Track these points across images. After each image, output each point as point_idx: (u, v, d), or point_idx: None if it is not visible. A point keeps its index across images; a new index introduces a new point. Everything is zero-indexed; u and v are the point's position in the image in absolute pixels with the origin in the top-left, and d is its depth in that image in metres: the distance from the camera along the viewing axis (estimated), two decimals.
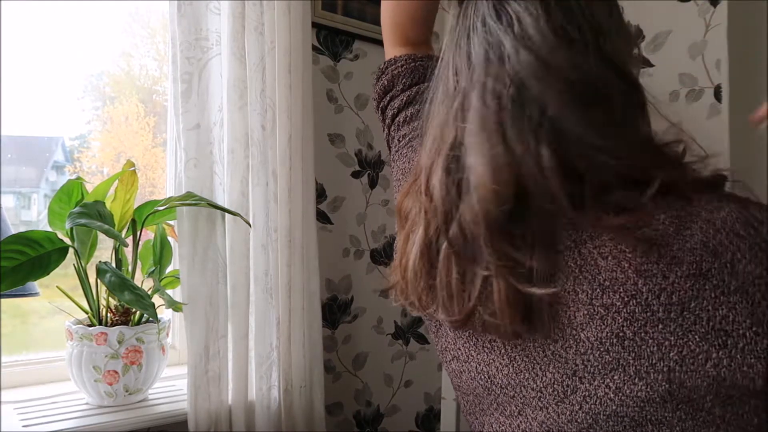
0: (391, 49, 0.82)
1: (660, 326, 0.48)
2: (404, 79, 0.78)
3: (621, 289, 0.50)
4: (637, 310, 0.49)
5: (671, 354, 0.48)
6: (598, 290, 0.51)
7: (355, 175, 1.74)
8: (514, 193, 0.52)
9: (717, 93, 1.35)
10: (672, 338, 0.48)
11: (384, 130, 0.82)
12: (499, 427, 0.61)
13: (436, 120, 0.60)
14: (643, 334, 0.49)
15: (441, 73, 0.62)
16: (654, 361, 0.49)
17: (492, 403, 0.61)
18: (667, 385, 0.48)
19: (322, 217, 1.65)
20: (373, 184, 1.77)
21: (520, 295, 0.52)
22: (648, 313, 0.49)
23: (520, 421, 0.58)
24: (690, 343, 0.47)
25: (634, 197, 0.50)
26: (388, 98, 0.80)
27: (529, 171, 0.51)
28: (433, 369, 1.89)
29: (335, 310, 1.69)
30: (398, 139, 0.78)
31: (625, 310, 0.49)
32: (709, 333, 0.47)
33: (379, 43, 1.78)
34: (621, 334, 0.50)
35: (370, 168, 1.76)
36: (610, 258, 0.50)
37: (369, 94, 1.76)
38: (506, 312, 0.53)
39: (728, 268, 0.47)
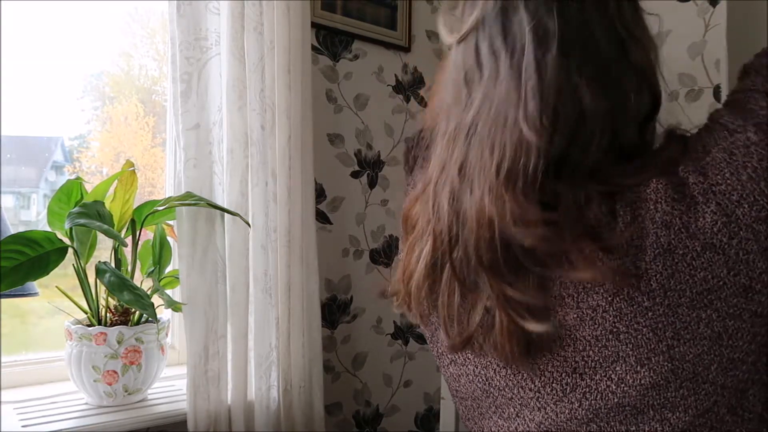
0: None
1: (649, 313, 0.48)
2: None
3: (602, 289, 0.50)
4: (623, 306, 0.49)
5: (667, 333, 0.48)
6: (582, 293, 0.51)
7: (355, 175, 1.74)
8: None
9: (716, 93, 1.35)
10: (664, 319, 0.48)
11: (405, 167, 0.82)
12: (498, 430, 0.61)
13: (448, 134, 0.58)
14: (636, 325, 0.49)
15: (451, 76, 0.60)
16: (652, 346, 0.49)
17: (491, 406, 0.61)
18: (669, 364, 0.49)
19: (321, 217, 1.65)
20: (372, 184, 1.77)
21: (521, 329, 0.53)
22: (634, 306, 0.49)
23: (518, 423, 0.58)
24: (681, 316, 0.48)
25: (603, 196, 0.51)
26: (411, 156, 0.81)
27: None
28: (433, 369, 1.89)
29: (334, 310, 1.69)
30: (415, 170, 0.78)
31: (611, 308, 0.50)
32: (694, 299, 0.47)
33: (379, 43, 1.79)
34: (615, 330, 0.50)
35: (369, 168, 1.76)
36: (588, 260, 0.50)
37: (368, 94, 1.76)
38: (506, 344, 0.53)
39: (685, 233, 0.47)
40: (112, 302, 1.25)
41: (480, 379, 0.61)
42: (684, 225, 0.47)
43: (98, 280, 1.18)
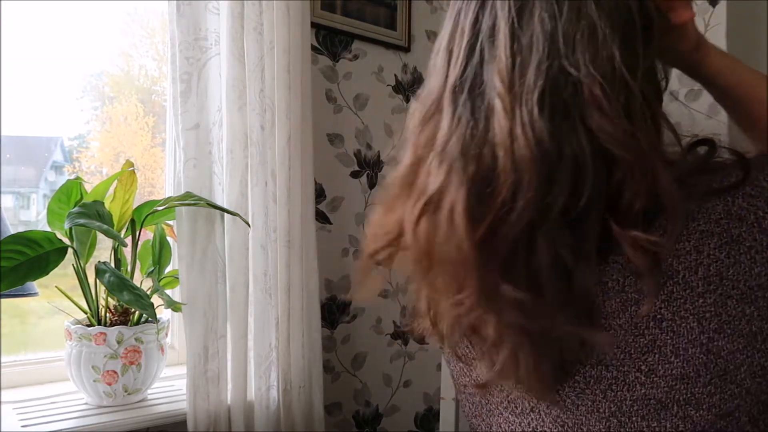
0: None
1: (700, 300, 0.49)
2: None
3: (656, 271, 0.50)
4: (675, 290, 0.49)
5: (711, 324, 0.49)
6: (631, 277, 0.51)
7: (354, 175, 1.74)
8: None
9: None
10: (712, 308, 0.49)
11: None
12: (508, 426, 0.60)
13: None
14: (683, 312, 0.49)
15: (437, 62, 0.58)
16: (693, 336, 0.49)
17: (503, 401, 0.61)
18: (704, 357, 0.49)
19: (321, 217, 1.65)
20: (372, 184, 1.77)
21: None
22: (687, 291, 0.49)
23: (532, 419, 0.58)
24: (729, 308, 0.48)
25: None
26: None
27: None
28: (432, 369, 1.89)
29: (334, 310, 1.69)
30: None
31: (662, 292, 0.50)
32: (744, 293, 0.48)
33: (379, 43, 1.79)
34: (659, 317, 0.50)
35: (369, 168, 1.76)
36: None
37: (368, 94, 1.76)
38: (534, 376, 0.54)
39: (757, 227, 0.49)
40: (112, 302, 1.25)
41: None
42: (757, 220, 0.49)
43: (98, 280, 1.18)
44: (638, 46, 0.51)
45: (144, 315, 1.23)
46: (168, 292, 1.34)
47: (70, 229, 1.17)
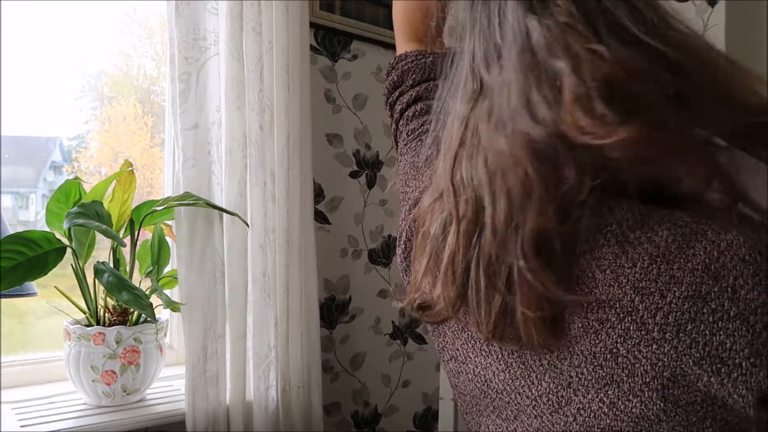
0: (403, 45, 0.81)
1: (654, 346, 0.47)
2: (414, 75, 0.77)
3: (617, 305, 0.48)
4: (632, 328, 0.48)
5: (665, 373, 0.47)
6: (594, 304, 0.49)
7: (353, 175, 1.74)
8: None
9: None
10: (666, 359, 0.47)
11: (392, 125, 0.81)
12: (496, 429, 0.61)
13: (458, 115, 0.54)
14: (636, 353, 0.48)
15: (459, 66, 0.57)
16: (648, 380, 0.47)
17: (488, 406, 0.61)
18: (662, 404, 0.47)
19: (320, 217, 1.65)
20: (371, 184, 1.77)
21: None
22: (643, 332, 0.47)
23: (517, 426, 0.58)
24: (683, 365, 0.46)
25: (641, 210, 0.49)
26: (397, 94, 0.79)
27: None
28: (431, 369, 1.89)
29: (333, 310, 1.69)
30: (407, 134, 0.76)
31: (619, 327, 0.48)
32: (704, 358, 0.45)
33: (378, 43, 1.79)
34: (615, 351, 0.49)
35: (368, 168, 1.76)
36: (608, 272, 0.48)
37: (367, 94, 1.76)
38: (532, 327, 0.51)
39: (729, 293, 0.45)
40: (111, 302, 1.25)
41: (479, 380, 0.61)
42: (734, 286, 0.45)
43: (97, 280, 1.18)
44: None
45: (143, 315, 1.23)
46: (167, 292, 1.34)
47: (69, 229, 1.17)
